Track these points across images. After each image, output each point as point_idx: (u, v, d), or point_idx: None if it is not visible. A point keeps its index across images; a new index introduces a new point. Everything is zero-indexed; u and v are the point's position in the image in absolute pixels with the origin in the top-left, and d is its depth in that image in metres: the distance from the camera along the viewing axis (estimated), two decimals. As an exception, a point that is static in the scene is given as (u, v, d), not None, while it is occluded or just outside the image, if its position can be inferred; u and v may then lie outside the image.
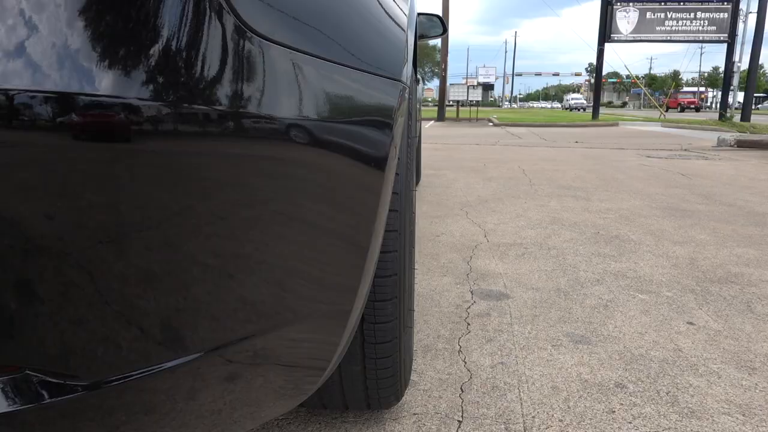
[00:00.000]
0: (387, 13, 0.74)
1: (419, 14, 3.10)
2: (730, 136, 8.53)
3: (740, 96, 19.17)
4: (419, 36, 3.15)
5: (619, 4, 16.90)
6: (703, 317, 1.62)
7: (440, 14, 3.21)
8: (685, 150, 7.67)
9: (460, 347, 1.40)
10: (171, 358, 0.45)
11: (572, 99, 54.08)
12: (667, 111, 24.37)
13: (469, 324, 1.55)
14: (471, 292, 1.81)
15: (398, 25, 0.79)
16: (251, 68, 0.45)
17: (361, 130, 0.60)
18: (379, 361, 0.85)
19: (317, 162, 0.53)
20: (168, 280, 0.44)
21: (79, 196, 0.38)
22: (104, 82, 0.37)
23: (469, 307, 1.68)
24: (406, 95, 0.78)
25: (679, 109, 29.93)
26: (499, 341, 1.44)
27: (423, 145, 7.73)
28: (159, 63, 0.39)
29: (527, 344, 1.42)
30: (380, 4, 0.72)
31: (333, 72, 0.55)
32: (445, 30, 3.04)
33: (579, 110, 42.04)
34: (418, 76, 3.47)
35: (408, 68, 0.91)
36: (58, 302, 0.39)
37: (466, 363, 1.32)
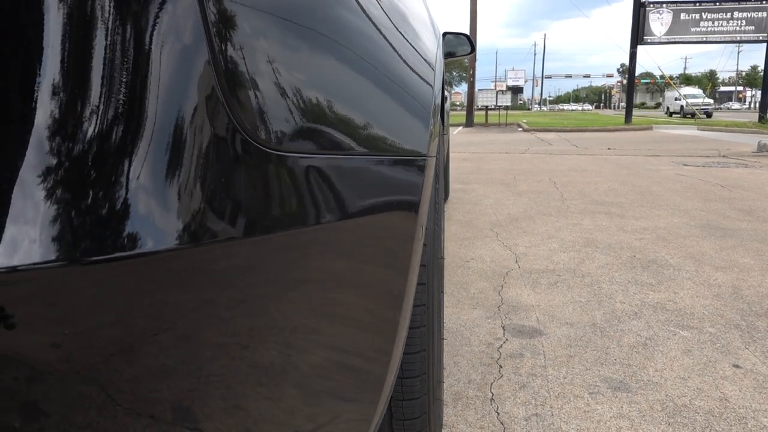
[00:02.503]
0: (411, 74, 0.69)
1: (446, 33, 3.06)
2: (772, 141, 8.21)
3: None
4: (447, 55, 3.11)
5: (652, 5, 16.53)
6: (750, 359, 1.54)
7: (467, 33, 3.17)
8: (723, 156, 7.43)
9: (492, 395, 1.35)
10: None
11: (688, 96, 29.85)
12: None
13: (501, 366, 1.50)
14: (503, 327, 1.76)
15: (424, 80, 0.74)
16: (261, 183, 0.42)
17: (383, 218, 0.57)
18: (407, 435, 0.81)
19: (334, 264, 0.51)
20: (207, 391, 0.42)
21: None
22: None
23: (501, 345, 1.63)
24: (433, 164, 0.75)
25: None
26: (533, 387, 1.38)
27: (451, 155, 7.68)
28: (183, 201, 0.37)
29: (562, 391, 1.36)
30: (405, 66, 0.67)
31: (347, 165, 0.52)
32: (473, 49, 2.99)
33: (701, 115, 24.52)
34: (445, 94, 3.43)
35: (434, 125, 0.87)
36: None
37: (499, 414, 1.27)
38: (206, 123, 0.39)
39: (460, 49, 3.05)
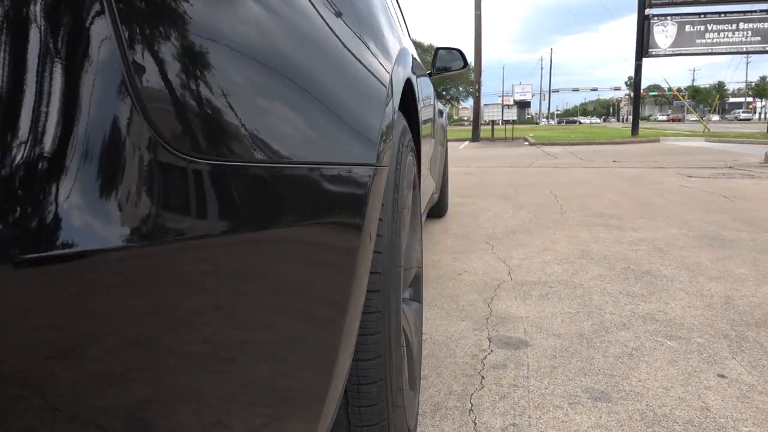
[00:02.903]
0: (357, 91, 0.71)
1: (439, 48, 3.10)
2: (779, 151, 8.15)
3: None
4: (441, 69, 3.14)
5: (656, 18, 16.56)
6: (737, 368, 1.53)
7: (474, 48, 3.20)
8: (730, 167, 7.38)
9: (472, 405, 1.35)
10: None
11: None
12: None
13: (483, 378, 1.50)
14: (489, 339, 1.76)
15: (372, 97, 0.75)
16: (179, 190, 0.44)
17: (323, 226, 0.59)
18: (367, 442, 0.82)
19: (270, 271, 0.52)
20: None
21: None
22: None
23: (486, 357, 1.63)
24: (384, 174, 0.77)
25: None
26: (513, 398, 1.38)
27: (454, 169, 7.69)
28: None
29: (542, 402, 1.36)
30: (348, 82, 0.67)
31: (284, 174, 0.53)
32: (465, 64, 3.03)
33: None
34: (441, 108, 3.45)
35: (392, 134, 0.88)
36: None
37: (476, 425, 1.27)
38: (124, 131, 0.41)
39: (453, 64, 3.08)
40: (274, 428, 0.58)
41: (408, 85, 1.15)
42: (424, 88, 1.92)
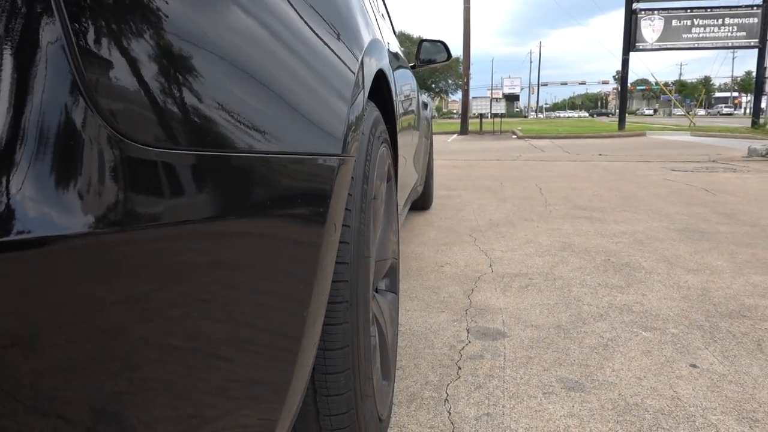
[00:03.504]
0: (323, 72, 0.70)
1: (423, 40, 3.09)
2: (762, 145, 8.26)
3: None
4: (425, 61, 3.14)
5: (643, 12, 16.65)
6: (708, 358, 1.55)
7: (462, 41, 3.20)
8: (713, 161, 7.47)
9: (447, 395, 1.36)
10: None
11: None
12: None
13: (460, 368, 1.51)
14: (467, 330, 1.78)
15: (335, 88, 0.74)
16: (135, 178, 0.44)
17: (285, 216, 0.59)
18: None
19: (234, 259, 0.52)
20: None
21: None
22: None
23: (463, 348, 1.64)
24: (351, 165, 0.77)
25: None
26: (488, 388, 1.40)
27: (441, 162, 7.71)
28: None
29: (517, 392, 1.38)
30: (312, 71, 0.66)
31: (244, 164, 0.53)
32: (449, 56, 3.03)
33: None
34: (426, 100, 3.45)
35: (361, 125, 0.89)
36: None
37: (450, 414, 1.28)
38: (71, 119, 0.40)
39: (437, 56, 3.08)
40: (237, 416, 0.58)
41: (382, 75, 1.15)
42: (404, 80, 1.92)
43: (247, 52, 0.53)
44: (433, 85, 43.07)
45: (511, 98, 26.49)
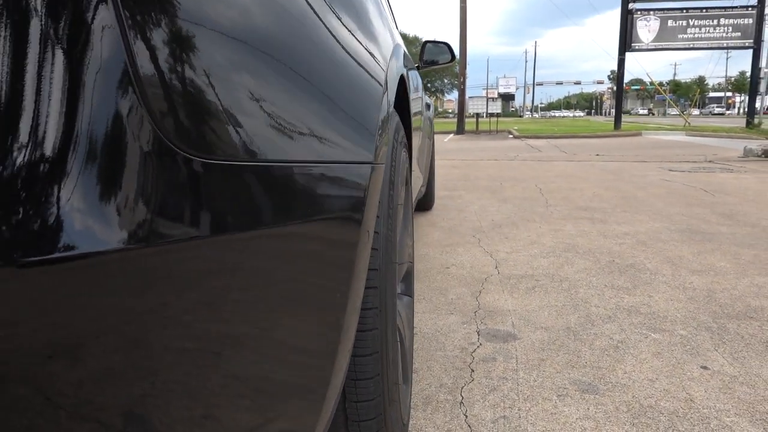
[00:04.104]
0: (353, 85, 0.70)
1: (427, 42, 3.09)
2: (757, 145, 8.31)
3: (768, 101, 18.73)
4: (428, 63, 3.14)
5: (639, 12, 16.71)
6: (719, 360, 1.56)
7: (458, 41, 3.21)
8: (710, 161, 7.51)
9: (462, 398, 1.37)
10: None
11: None
12: None
13: (473, 370, 1.51)
14: (478, 332, 1.78)
15: (368, 92, 0.75)
16: (183, 189, 0.44)
17: (323, 224, 0.59)
18: (364, 437, 0.83)
19: (274, 268, 0.52)
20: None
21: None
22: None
23: (475, 350, 1.65)
24: (381, 172, 0.77)
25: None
26: (503, 391, 1.40)
27: (440, 162, 7.71)
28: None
29: (532, 394, 1.38)
30: (345, 77, 0.67)
31: (283, 173, 0.53)
32: (453, 57, 3.03)
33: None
34: (428, 101, 3.46)
35: (387, 131, 0.89)
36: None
37: (467, 417, 1.28)
38: (128, 130, 0.40)
39: (441, 58, 3.08)
40: (277, 425, 0.59)
41: (401, 79, 1.16)
42: (414, 81, 1.92)
43: (296, 66, 0.53)
44: (429, 85, 43.12)
45: (507, 98, 26.55)
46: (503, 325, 1.84)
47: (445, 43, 3.02)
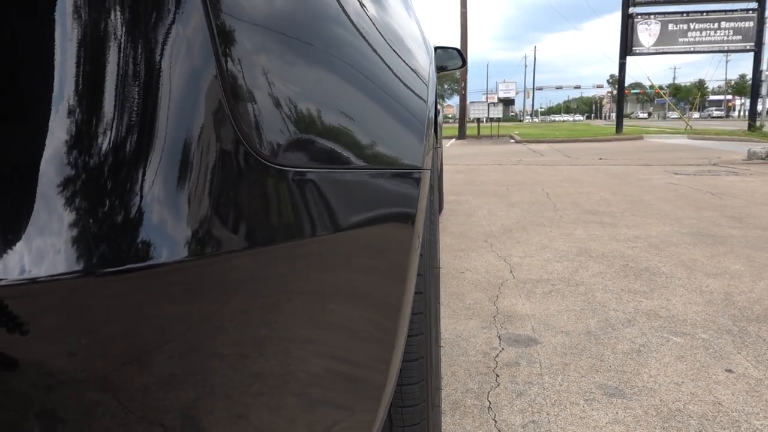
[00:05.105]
0: (406, 90, 0.72)
1: (437, 48, 3.11)
2: (761, 148, 8.32)
3: (769, 104, 18.79)
4: (438, 69, 3.15)
5: (640, 17, 16.76)
6: (743, 363, 1.56)
7: (459, 47, 3.22)
8: (714, 165, 7.51)
9: (490, 403, 1.37)
10: None
11: None
12: None
13: (498, 375, 1.51)
14: (498, 337, 1.78)
15: (418, 96, 0.77)
16: (266, 196, 0.44)
17: (382, 230, 0.59)
18: (407, 442, 0.83)
19: (335, 275, 0.53)
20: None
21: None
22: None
23: (498, 355, 1.65)
24: (428, 177, 0.77)
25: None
26: (530, 395, 1.40)
27: (445, 167, 7.72)
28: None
29: (559, 399, 1.38)
30: (400, 83, 0.69)
31: (347, 179, 0.54)
32: (464, 63, 3.04)
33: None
34: (438, 107, 3.47)
35: (430, 135, 0.89)
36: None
37: (496, 422, 1.28)
38: (214, 137, 0.41)
39: (451, 63, 3.09)
40: (338, 429, 0.59)
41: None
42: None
43: (358, 80, 0.55)
44: (429, 90, 43.19)
45: (507, 102, 26.60)
46: (523, 329, 1.84)
47: (456, 49, 3.03)
